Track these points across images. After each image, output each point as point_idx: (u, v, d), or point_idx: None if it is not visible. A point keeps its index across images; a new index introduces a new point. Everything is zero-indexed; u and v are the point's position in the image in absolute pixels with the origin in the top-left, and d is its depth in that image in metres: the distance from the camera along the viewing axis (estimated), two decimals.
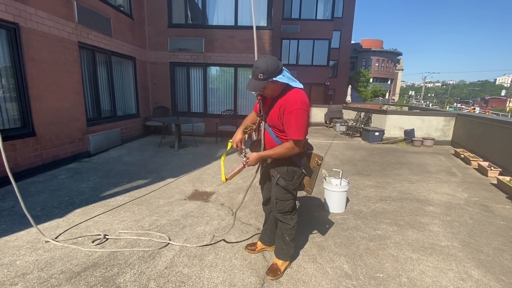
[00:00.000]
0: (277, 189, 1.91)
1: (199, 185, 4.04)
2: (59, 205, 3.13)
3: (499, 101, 52.29)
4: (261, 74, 1.59)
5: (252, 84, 1.63)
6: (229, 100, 8.19)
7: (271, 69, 1.59)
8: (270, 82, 1.63)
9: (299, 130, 1.65)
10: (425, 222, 3.04)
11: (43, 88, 4.18)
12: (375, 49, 39.57)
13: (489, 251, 2.50)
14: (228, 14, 7.65)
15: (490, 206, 3.57)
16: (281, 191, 1.90)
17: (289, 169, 1.84)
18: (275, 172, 1.88)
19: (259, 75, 1.59)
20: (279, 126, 1.76)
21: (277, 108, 1.74)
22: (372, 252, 2.43)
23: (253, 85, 1.63)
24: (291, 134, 1.67)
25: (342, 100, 18.13)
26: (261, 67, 1.59)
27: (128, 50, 6.72)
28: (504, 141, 5.23)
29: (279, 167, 1.86)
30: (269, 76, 1.60)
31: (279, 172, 1.86)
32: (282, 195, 1.91)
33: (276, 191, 1.92)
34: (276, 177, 1.87)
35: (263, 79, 1.60)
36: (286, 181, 1.86)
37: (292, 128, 1.66)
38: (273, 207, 2.01)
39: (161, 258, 2.25)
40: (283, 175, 1.85)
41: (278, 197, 1.92)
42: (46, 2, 4.19)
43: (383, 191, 4.01)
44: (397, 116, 8.27)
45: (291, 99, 1.68)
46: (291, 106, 1.65)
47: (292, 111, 1.64)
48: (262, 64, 1.59)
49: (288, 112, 1.65)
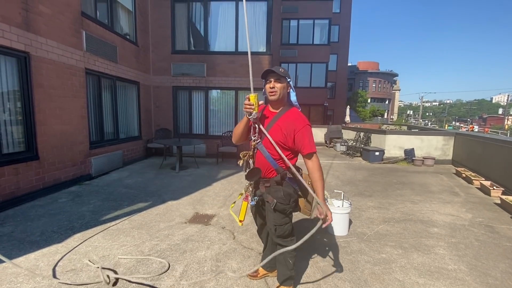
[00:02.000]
0: (275, 215, 1.86)
1: (200, 207, 4.01)
2: (58, 230, 3.09)
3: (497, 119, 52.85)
4: (282, 69, 1.83)
5: (277, 69, 1.81)
6: (230, 122, 8.33)
7: (288, 73, 1.89)
8: (286, 80, 1.85)
9: (312, 143, 1.80)
10: (430, 245, 2.98)
11: (49, 113, 4.29)
12: (371, 71, 40.73)
13: (497, 274, 2.43)
14: (229, 40, 8.01)
15: (495, 227, 3.51)
16: (279, 216, 1.86)
17: (285, 193, 1.82)
18: (270, 198, 1.83)
19: (280, 69, 1.81)
20: (285, 142, 1.80)
21: (282, 124, 1.82)
22: (378, 277, 2.36)
23: (278, 69, 1.81)
24: (308, 148, 1.78)
25: (341, 120, 18.37)
26: (282, 67, 1.87)
27: (133, 75, 6.97)
28: (505, 160, 5.24)
29: (274, 192, 1.84)
30: (287, 76, 1.85)
31: (276, 197, 1.82)
32: (280, 220, 1.87)
33: (275, 217, 1.87)
34: (272, 203, 1.82)
35: (284, 73, 1.81)
36: (283, 205, 1.83)
37: (307, 142, 1.79)
38: (272, 234, 1.95)
39: (161, 285, 2.19)
40: (279, 199, 1.81)
41: (277, 223, 1.87)
42: (57, 32, 4.42)
43: (386, 212, 3.97)
44: (396, 136, 8.35)
45: (299, 118, 1.84)
46: (301, 124, 1.81)
47: (303, 128, 1.80)
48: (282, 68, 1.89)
49: (300, 130, 1.79)
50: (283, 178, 1.83)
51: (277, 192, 1.83)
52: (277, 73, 1.77)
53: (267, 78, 1.86)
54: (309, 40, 16.49)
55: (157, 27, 7.89)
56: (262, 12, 7.82)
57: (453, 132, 8.28)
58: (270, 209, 1.86)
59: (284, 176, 1.83)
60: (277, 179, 1.83)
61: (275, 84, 1.81)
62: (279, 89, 1.82)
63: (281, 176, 1.82)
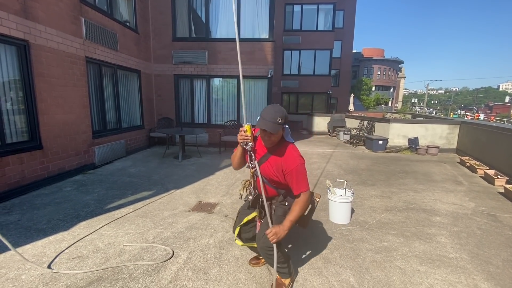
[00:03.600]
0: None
1: (203, 196, 4.04)
2: (64, 218, 3.15)
3: (503, 107, 52.00)
4: (280, 118, 1.65)
5: (271, 126, 1.64)
6: (232, 111, 8.27)
7: (286, 116, 1.71)
8: (281, 127, 1.69)
9: (305, 182, 1.76)
10: (432, 233, 2.99)
11: (50, 102, 4.28)
12: (376, 58, 39.87)
13: (499, 263, 2.44)
14: (230, 27, 7.83)
15: (498, 216, 3.51)
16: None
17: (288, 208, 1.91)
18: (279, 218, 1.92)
19: (278, 119, 1.65)
20: (276, 179, 1.83)
21: (273, 163, 1.79)
22: (379, 264, 2.39)
23: (272, 127, 1.64)
24: (300, 188, 1.74)
25: (345, 109, 18.17)
26: (281, 112, 1.67)
27: (134, 63, 6.88)
28: (510, 149, 5.17)
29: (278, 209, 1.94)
30: (285, 123, 1.70)
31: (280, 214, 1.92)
32: None
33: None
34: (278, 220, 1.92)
35: (281, 124, 1.67)
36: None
37: (300, 182, 1.75)
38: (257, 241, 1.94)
39: (166, 271, 2.24)
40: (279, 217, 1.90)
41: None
42: (55, 19, 4.34)
43: (388, 201, 3.97)
44: (401, 124, 8.25)
45: (290, 157, 1.75)
46: (292, 164, 1.73)
47: (293, 169, 1.73)
48: (282, 110, 1.70)
49: (289, 172, 1.74)
50: (285, 196, 1.95)
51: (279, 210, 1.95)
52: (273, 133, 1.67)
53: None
54: (313, 26, 16.06)
55: (157, 14, 7.72)
56: None
57: (459, 121, 8.16)
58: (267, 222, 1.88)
59: (286, 195, 1.94)
60: (280, 199, 1.96)
61: (270, 137, 1.71)
62: (275, 140, 1.75)
63: (283, 195, 1.95)
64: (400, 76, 46.97)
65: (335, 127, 11.74)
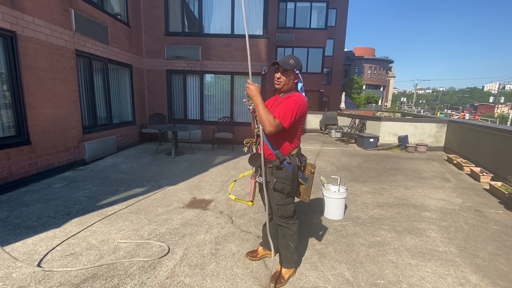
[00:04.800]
0: (277, 195, 1.97)
1: (197, 192, 4.02)
2: (55, 215, 3.07)
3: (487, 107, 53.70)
4: (292, 60, 1.86)
5: (282, 62, 1.85)
6: (226, 107, 8.23)
7: (299, 65, 1.90)
8: (292, 71, 1.88)
9: (285, 114, 1.77)
10: (422, 228, 3.08)
11: (39, 96, 4.15)
12: (367, 57, 40.40)
13: (485, 256, 2.55)
14: (224, 23, 7.76)
15: (484, 211, 3.65)
16: (281, 196, 1.97)
17: (286, 174, 1.91)
18: (272, 178, 1.95)
19: (290, 60, 1.85)
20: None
21: (277, 106, 1.87)
22: (372, 258, 2.45)
23: (283, 62, 1.85)
24: (277, 114, 1.77)
25: (337, 107, 18.36)
26: (293, 58, 1.88)
27: (125, 57, 6.73)
28: (495, 147, 5.37)
29: (275, 172, 1.94)
30: (295, 67, 1.87)
31: (276, 177, 1.93)
32: (283, 200, 1.97)
33: (277, 197, 1.97)
34: (272, 182, 1.94)
35: (292, 66, 1.85)
36: (282, 184, 1.92)
37: (280, 110, 1.79)
38: (275, 214, 2.05)
39: (162, 268, 2.22)
40: (279, 179, 1.92)
41: (280, 202, 1.98)
42: (44, 10, 4.19)
43: (380, 197, 4.06)
44: (391, 123, 8.42)
45: (294, 96, 1.88)
46: (289, 97, 1.89)
47: (287, 99, 1.87)
48: (295, 57, 1.89)
49: (284, 99, 1.89)
50: (281, 162, 1.90)
51: (277, 173, 1.93)
52: (282, 66, 1.84)
53: (277, 66, 1.89)
54: (306, 24, 16.11)
55: (150, 7, 7.56)
56: None
57: (447, 120, 8.40)
58: (271, 189, 1.95)
59: (282, 161, 1.90)
60: (276, 164, 1.91)
61: (281, 75, 1.89)
62: (283, 80, 1.90)
63: (280, 160, 1.90)
64: (390, 76, 47.78)
65: (327, 125, 11.86)
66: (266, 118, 1.73)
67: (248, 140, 2.07)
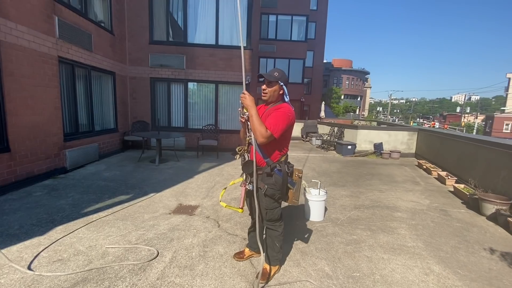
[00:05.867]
0: (266, 200, 2.10)
1: (183, 199, 4.09)
2: (38, 223, 3.03)
3: (455, 116, 57.62)
4: (277, 73, 2.03)
5: (268, 75, 2.04)
6: (211, 115, 8.36)
7: (283, 77, 2.07)
8: (276, 83, 2.04)
9: (276, 126, 1.91)
10: (394, 227, 3.37)
11: (20, 103, 4.07)
12: (345, 68, 42.31)
13: (448, 249, 2.86)
14: (209, 33, 7.97)
15: (448, 210, 4.03)
16: (270, 201, 2.10)
17: (276, 180, 2.05)
18: (262, 184, 2.06)
19: (275, 73, 2.04)
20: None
21: (266, 117, 2.03)
22: (349, 254, 2.67)
23: (268, 75, 2.03)
24: (268, 125, 1.91)
25: (317, 115, 19.03)
26: (278, 71, 2.06)
27: (108, 65, 6.71)
28: (458, 153, 5.92)
29: (266, 179, 2.06)
30: (279, 79, 2.04)
31: (267, 183, 2.05)
32: (271, 204, 2.11)
33: (266, 202, 2.10)
34: (264, 188, 2.06)
35: (277, 78, 2.02)
36: (273, 190, 2.06)
37: (271, 121, 1.93)
38: (263, 218, 2.18)
39: (152, 270, 2.30)
40: (270, 185, 2.05)
41: (268, 207, 2.11)
42: (27, 17, 4.17)
43: (357, 200, 4.35)
44: (367, 131, 8.95)
45: (281, 108, 2.05)
46: (278, 108, 2.05)
47: (276, 110, 2.02)
48: (279, 70, 2.08)
49: (273, 111, 2.03)
50: (272, 169, 2.04)
51: (268, 179, 2.05)
52: (267, 78, 2.03)
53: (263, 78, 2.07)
54: (287, 36, 16.77)
55: (134, 16, 7.62)
56: (243, 7, 7.87)
57: (417, 128, 9.06)
58: (262, 194, 2.07)
59: (273, 168, 2.05)
60: (267, 170, 2.05)
61: (266, 87, 2.06)
62: (269, 92, 2.07)
63: (270, 168, 2.04)
64: (367, 86, 50.23)
65: (308, 132, 12.29)
66: (259, 129, 1.87)
67: (240, 148, 2.18)
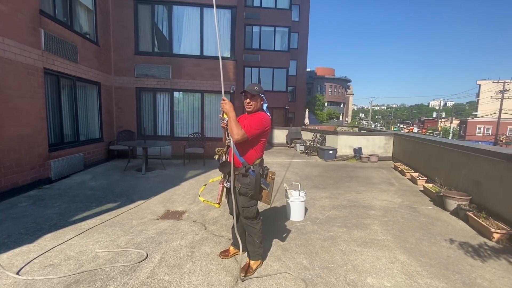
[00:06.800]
0: (241, 198, 2.33)
1: (170, 205, 4.23)
2: (26, 232, 3.09)
3: (432, 121, 60.60)
4: (256, 87, 2.31)
5: (249, 88, 2.30)
6: (197, 123, 8.53)
7: (262, 90, 2.37)
8: (258, 96, 2.33)
9: (250, 127, 2.19)
10: (367, 223, 3.68)
11: (5, 115, 4.11)
12: (328, 76, 43.72)
13: (413, 241, 3.18)
14: (194, 44, 8.24)
15: (417, 207, 4.41)
16: (245, 199, 2.33)
17: (249, 180, 2.29)
18: (237, 184, 2.31)
19: (255, 87, 2.31)
20: None
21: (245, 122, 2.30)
22: (326, 249, 2.93)
23: (249, 89, 2.30)
24: (243, 126, 2.18)
25: (301, 122, 19.55)
26: (257, 86, 2.34)
27: (93, 75, 6.78)
28: (427, 155, 6.41)
29: (241, 179, 2.31)
30: (260, 92, 2.33)
31: (241, 183, 2.30)
32: (246, 202, 2.33)
33: (242, 200, 2.33)
34: (238, 187, 2.31)
35: (258, 91, 2.31)
36: (246, 189, 2.29)
37: (246, 124, 2.21)
38: (241, 215, 2.41)
39: (142, 270, 2.45)
40: (243, 185, 2.29)
41: (244, 205, 2.34)
42: (14, 30, 4.26)
43: (335, 200, 4.65)
44: (347, 136, 9.41)
45: (259, 114, 2.34)
46: (254, 114, 2.33)
47: (252, 116, 2.32)
48: (258, 85, 2.37)
49: (250, 116, 2.33)
50: (247, 170, 2.28)
51: (243, 179, 2.30)
52: (250, 93, 2.29)
53: (245, 93, 2.34)
54: (271, 46, 17.32)
55: (120, 27, 7.77)
56: (226, 19, 8.22)
57: (393, 133, 9.62)
58: (237, 193, 2.31)
59: (248, 169, 2.28)
60: (242, 171, 2.29)
61: (251, 101, 2.32)
62: (253, 104, 2.34)
63: (245, 168, 2.28)
64: (349, 93, 52.02)
65: (292, 139, 12.67)
66: (235, 129, 2.14)
67: (219, 149, 2.43)
